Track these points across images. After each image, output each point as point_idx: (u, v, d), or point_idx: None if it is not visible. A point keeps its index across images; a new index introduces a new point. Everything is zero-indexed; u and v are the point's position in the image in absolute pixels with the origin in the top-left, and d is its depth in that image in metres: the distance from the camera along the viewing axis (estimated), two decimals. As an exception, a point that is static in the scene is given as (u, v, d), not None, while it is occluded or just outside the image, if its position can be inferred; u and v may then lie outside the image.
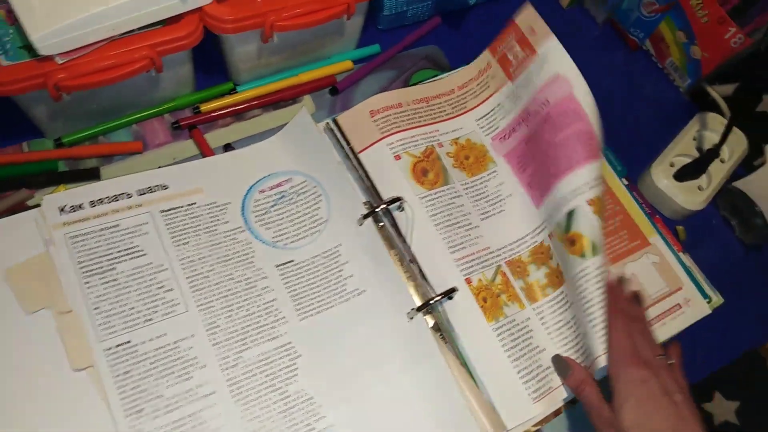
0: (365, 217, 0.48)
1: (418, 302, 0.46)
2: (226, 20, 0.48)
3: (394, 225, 0.49)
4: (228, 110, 0.55)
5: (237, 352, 0.43)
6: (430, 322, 0.46)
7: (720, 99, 0.62)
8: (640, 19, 0.64)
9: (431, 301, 0.46)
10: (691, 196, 0.56)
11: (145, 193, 0.47)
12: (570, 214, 0.46)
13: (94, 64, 0.45)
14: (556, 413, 0.46)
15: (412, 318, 0.45)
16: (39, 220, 0.45)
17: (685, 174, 0.57)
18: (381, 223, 0.49)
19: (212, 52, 0.54)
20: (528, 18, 0.53)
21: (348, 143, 0.53)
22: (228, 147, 0.54)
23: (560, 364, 0.46)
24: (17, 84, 0.43)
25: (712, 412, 0.87)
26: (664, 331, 0.51)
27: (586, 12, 0.69)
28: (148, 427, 0.40)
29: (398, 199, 0.49)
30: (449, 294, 0.47)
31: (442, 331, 0.46)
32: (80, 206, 0.46)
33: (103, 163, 0.51)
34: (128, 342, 0.42)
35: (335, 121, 0.54)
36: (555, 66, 0.50)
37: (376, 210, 0.48)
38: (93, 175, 0.50)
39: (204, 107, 0.54)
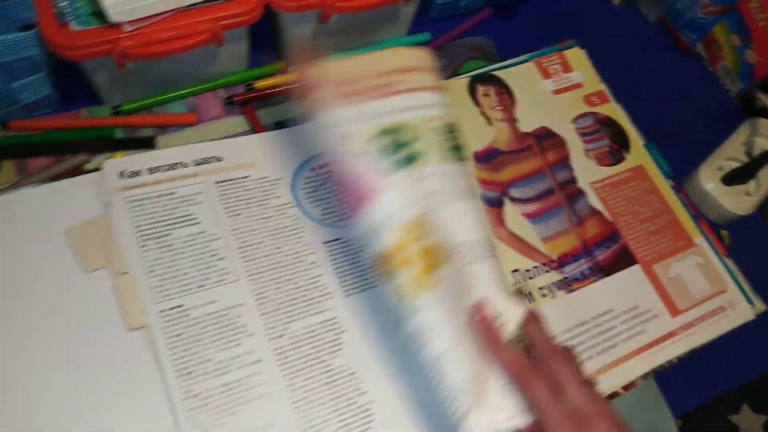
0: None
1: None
2: (288, -1, 0.49)
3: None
4: (280, 89, 0.56)
5: (284, 323, 0.44)
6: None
7: (771, 105, 0.62)
8: (694, 20, 0.64)
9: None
10: (738, 201, 0.56)
11: (200, 164, 0.48)
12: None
13: (159, 33, 0.46)
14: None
15: None
16: (99, 184, 0.46)
17: (733, 178, 0.56)
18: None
19: (267, 31, 0.55)
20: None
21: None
22: (279, 125, 0.55)
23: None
24: (86, 49, 0.44)
25: (739, 424, 0.86)
26: (703, 334, 0.50)
27: (638, 12, 0.69)
28: (198, 388, 0.41)
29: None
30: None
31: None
32: (139, 172, 0.47)
33: (158, 133, 0.53)
34: (181, 306, 0.43)
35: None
36: None
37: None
38: (149, 143, 0.51)
39: (257, 84, 0.55)
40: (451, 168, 0.45)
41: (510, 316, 0.39)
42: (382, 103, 0.48)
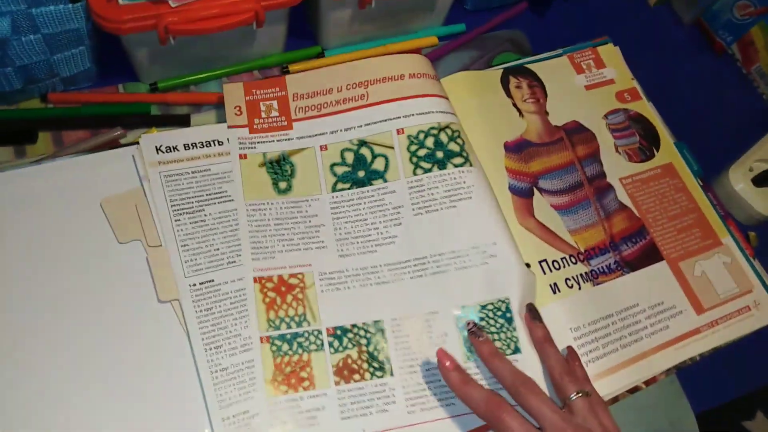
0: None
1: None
2: (330, -19, 0.49)
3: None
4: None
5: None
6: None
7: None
8: (730, 21, 0.63)
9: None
10: (768, 202, 0.56)
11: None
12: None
13: (203, 11, 0.46)
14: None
15: None
16: (137, 157, 0.47)
17: (763, 179, 0.56)
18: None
19: (304, 15, 0.55)
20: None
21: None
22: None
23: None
24: (131, 23, 0.45)
25: (752, 430, 0.85)
26: (727, 333, 0.50)
27: (673, 12, 0.68)
28: (225, 362, 0.41)
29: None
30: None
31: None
32: (175, 148, 0.47)
33: (193, 111, 0.53)
34: (212, 281, 0.43)
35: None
36: None
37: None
38: (184, 121, 0.52)
39: (293, 68, 0.56)
40: (434, 177, 0.48)
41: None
42: (360, 113, 0.51)
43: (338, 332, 0.44)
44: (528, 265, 0.48)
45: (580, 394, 0.39)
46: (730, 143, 0.60)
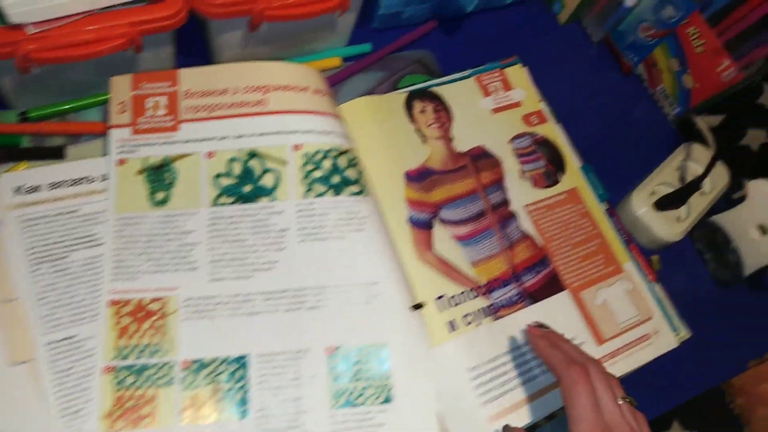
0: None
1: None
2: (214, 4, 0.46)
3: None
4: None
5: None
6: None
7: (707, 131, 0.62)
8: (635, 42, 0.63)
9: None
10: (670, 227, 0.56)
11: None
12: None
13: (68, 37, 0.43)
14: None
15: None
16: (-6, 198, 0.43)
17: (665, 203, 0.56)
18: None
19: (196, 34, 0.52)
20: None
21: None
22: (204, 136, 0.52)
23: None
24: (-18, 52, 0.41)
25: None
26: (626, 364, 0.50)
27: (583, 31, 0.68)
28: (87, 427, 0.38)
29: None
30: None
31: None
32: (38, 188, 0.43)
33: (69, 143, 0.49)
34: (73, 337, 0.40)
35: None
36: None
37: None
38: (57, 154, 0.48)
39: (182, 92, 0.52)
40: (328, 202, 0.46)
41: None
42: (256, 121, 0.48)
43: (195, 366, 0.41)
44: (420, 306, 0.46)
45: (628, 400, 0.40)
46: (636, 165, 0.61)
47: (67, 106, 0.50)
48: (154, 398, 0.40)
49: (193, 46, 0.53)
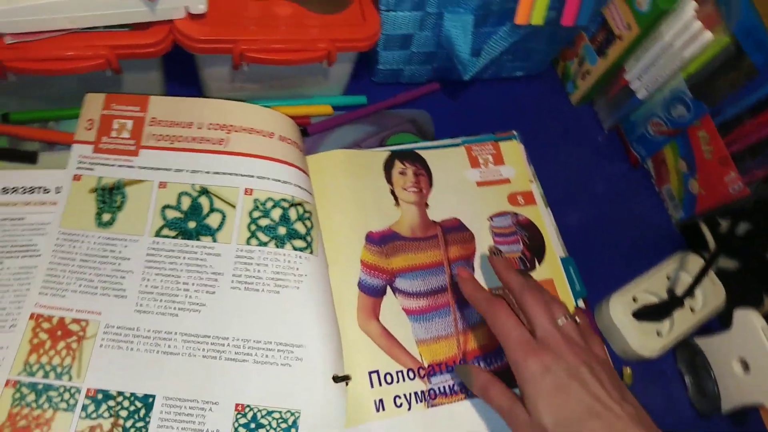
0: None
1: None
2: (196, 39, 0.46)
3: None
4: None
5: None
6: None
7: (711, 240, 0.57)
8: (645, 136, 0.60)
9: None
10: (647, 340, 0.51)
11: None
12: None
13: (46, 51, 0.43)
14: None
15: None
16: (-56, 194, 0.43)
17: (645, 314, 0.52)
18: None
19: (188, 63, 0.52)
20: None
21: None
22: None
23: (463, 371, 0.44)
24: (-40, 54, 0.42)
25: None
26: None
27: (595, 114, 0.65)
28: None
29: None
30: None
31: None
32: (-9, 190, 0.44)
33: (45, 149, 0.50)
34: (-15, 345, 0.39)
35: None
36: None
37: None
38: (30, 158, 0.49)
39: (164, 117, 0.52)
40: (268, 253, 0.44)
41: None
42: (213, 159, 0.47)
43: (99, 396, 0.39)
44: (347, 378, 0.43)
45: (568, 318, 0.41)
46: (627, 265, 0.56)
47: (49, 114, 0.50)
48: (50, 421, 0.38)
49: (185, 74, 0.54)
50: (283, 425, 0.40)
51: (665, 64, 0.54)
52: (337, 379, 0.42)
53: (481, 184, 0.55)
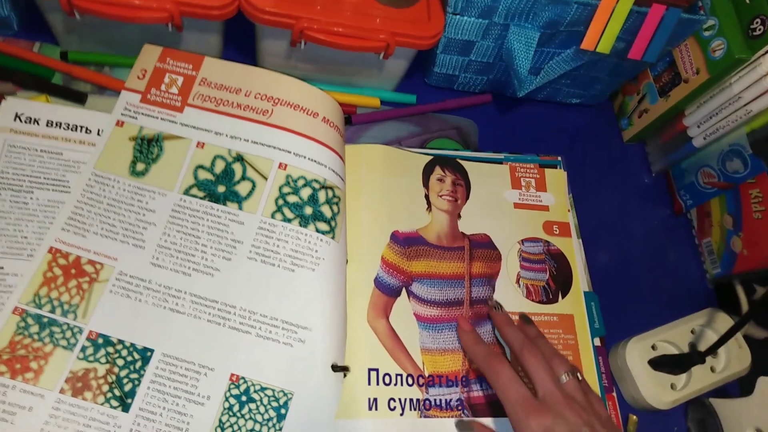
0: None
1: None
2: (261, 9, 0.46)
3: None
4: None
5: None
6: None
7: (745, 302, 0.55)
8: (694, 185, 0.58)
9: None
10: (659, 391, 0.49)
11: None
12: None
13: (113, -5, 0.44)
14: None
15: None
16: (-7, 117, 0.44)
17: (663, 364, 0.50)
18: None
19: (247, 34, 0.53)
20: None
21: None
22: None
23: (464, 428, 0.43)
24: (33, -16, 0.43)
25: None
26: None
27: (645, 155, 0.63)
28: None
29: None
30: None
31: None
32: (36, 121, 0.44)
33: (95, 92, 0.51)
34: (1, 268, 0.40)
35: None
36: None
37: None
38: (79, 98, 0.50)
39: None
40: (290, 230, 0.44)
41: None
42: (254, 128, 0.47)
43: (100, 340, 0.39)
44: (345, 369, 0.42)
45: (571, 376, 0.40)
46: (652, 312, 0.54)
47: (105, 58, 0.51)
48: (48, 356, 0.39)
49: (243, 44, 0.54)
50: (274, 404, 0.40)
51: (729, 116, 0.52)
52: (335, 368, 0.42)
53: (519, 206, 0.54)
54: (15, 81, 0.49)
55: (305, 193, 0.45)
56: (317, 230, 0.44)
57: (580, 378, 0.41)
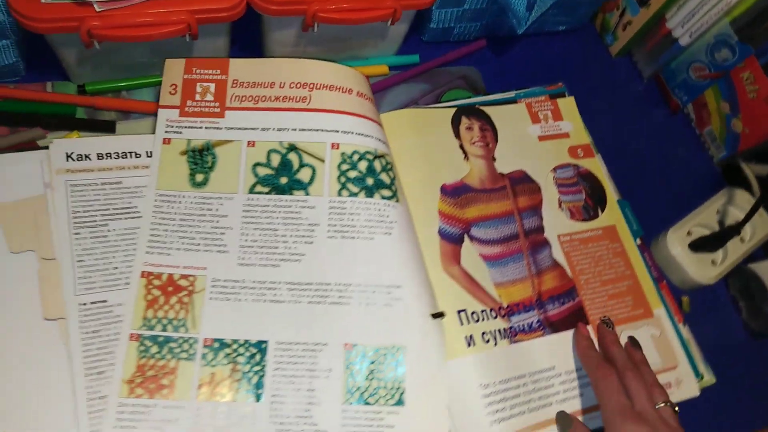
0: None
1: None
2: (272, 1, 0.47)
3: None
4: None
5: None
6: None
7: (753, 177, 0.60)
8: (686, 81, 0.62)
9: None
10: (703, 269, 0.55)
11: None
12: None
13: (131, 17, 0.44)
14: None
15: None
16: (44, 162, 0.44)
17: (701, 245, 0.55)
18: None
19: (251, 28, 0.53)
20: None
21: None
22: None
23: (564, 420, 0.45)
24: (52, 23, 0.43)
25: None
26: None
27: (634, 65, 0.68)
28: (106, 390, 0.39)
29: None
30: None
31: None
32: (87, 156, 0.45)
33: (120, 118, 0.51)
34: (104, 301, 0.41)
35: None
36: None
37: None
38: (108, 127, 0.50)
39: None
40: (359, 203, 0.46)
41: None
42: (298, 116, 0.49)
43: (216, 345, 0.41)
44: (441, 314, 0.46)
45: (668, 405, 0.42)
46: (675, 204, 0.59)
47: (122, 84, 0.51)
48: (175, 370, 0.40)
49: (247, 38, 0.55)
50: (391, 360, 0.43)
51: (710, 10, 0.56)
52: (434, 315, 0.45)
53: (543, 138, 0.58)
54: (42, 125, 0.49)
55: (362, 165, 0.48)
56: (383, 197, 0.47)
57: (676, 409, 0.43)
